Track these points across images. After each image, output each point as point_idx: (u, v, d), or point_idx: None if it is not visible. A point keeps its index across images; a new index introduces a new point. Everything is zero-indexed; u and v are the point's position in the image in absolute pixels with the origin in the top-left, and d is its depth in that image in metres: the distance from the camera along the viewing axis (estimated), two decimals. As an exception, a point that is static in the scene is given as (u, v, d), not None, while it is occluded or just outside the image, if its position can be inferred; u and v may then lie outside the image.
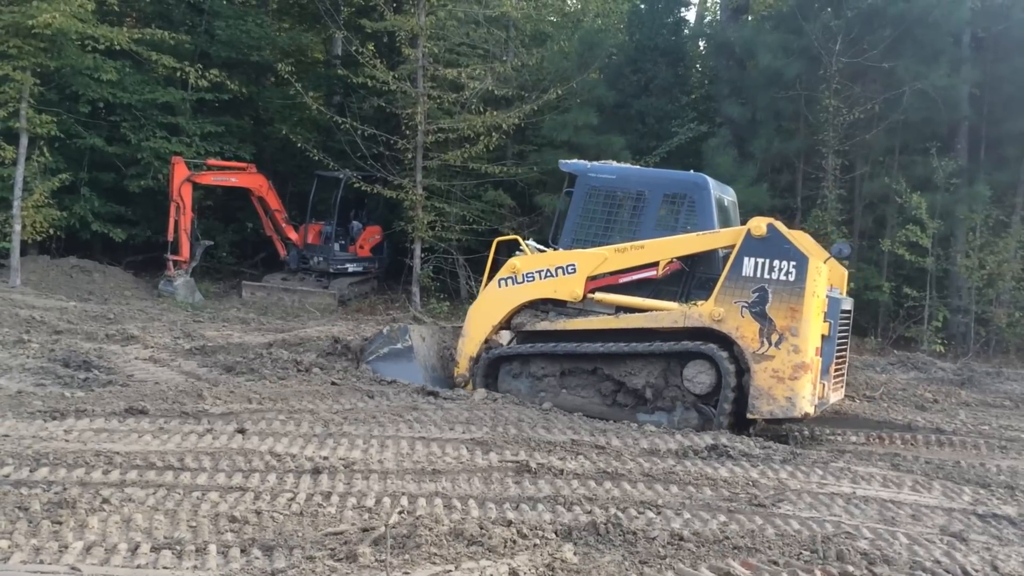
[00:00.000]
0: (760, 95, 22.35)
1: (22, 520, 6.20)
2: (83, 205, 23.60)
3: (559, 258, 11.99)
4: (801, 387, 10.59)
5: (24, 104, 20.91)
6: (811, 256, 10.84)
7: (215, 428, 8.98)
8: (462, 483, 7.86)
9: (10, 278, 20.72)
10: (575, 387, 11.72)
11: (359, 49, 22.97)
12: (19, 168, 20.96)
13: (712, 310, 10.94)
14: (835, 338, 11.17)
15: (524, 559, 6.05)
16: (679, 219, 12.02)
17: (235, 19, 26.50)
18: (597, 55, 24.01)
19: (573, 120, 22.88)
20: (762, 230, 10.88)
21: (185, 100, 24.94)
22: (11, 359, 12.17)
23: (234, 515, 6.57)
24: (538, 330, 11.87)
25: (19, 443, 7.98)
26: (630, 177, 12.62)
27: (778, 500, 7.91)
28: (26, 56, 20.69)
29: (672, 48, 24.76)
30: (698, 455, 9.37)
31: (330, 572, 5.67)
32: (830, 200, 21.09)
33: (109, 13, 23.87)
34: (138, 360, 13.06)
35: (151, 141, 24.06)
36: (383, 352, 12.74)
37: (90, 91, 23.26)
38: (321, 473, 7.76)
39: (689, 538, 6.71)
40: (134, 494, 6.90)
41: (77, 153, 23.94)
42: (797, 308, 10.62)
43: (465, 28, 24.53)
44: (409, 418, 10.02)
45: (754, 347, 10.72)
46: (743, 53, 23.34)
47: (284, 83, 25.03)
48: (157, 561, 5.76)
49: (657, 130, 23.69)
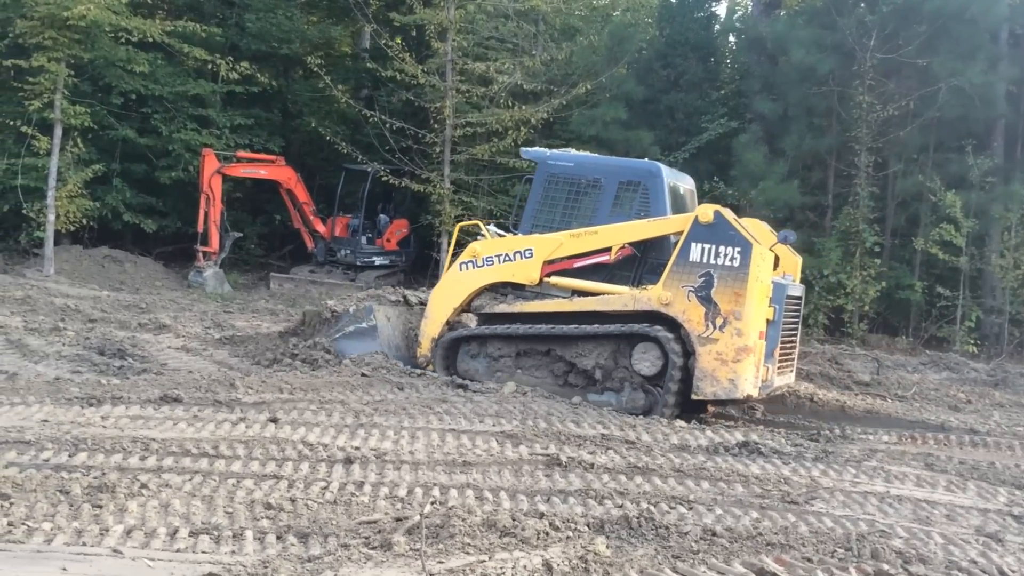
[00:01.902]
0: (792, 91, 22.20)
1: (63, 503, 6.27)
2: (115, 196, 23.79)
3: (517, 243, 12.32)
4: (744, 369, 10.93)
5: (58, 95, 21.14)
6: (755, 242, 11.11)
7: (248, 417, 9.04)
8: (493, 475, 7.88)
9: (44, 267, 20.96)
10: (530, 367, 12.04)
11: (388, 43, 23.03)
12: (53, 159, 21.19)
13: (660, 294, 11.27)
14: (780, 322, 11.43)
15: (557, 551, 6.06)
16: (633, 206, 12.30)
17: (265, 12, 26.60)
18: (626, 50, 23.92)
19: (602, 115, 22.83)
20: (709, 216, 11.18)
21: (215, 92, 25.08)
22: (48, 346, 12.32)
23: (269, 502, 6.62)
24: (496, 312, 12.19)
25: (58, 428, 8.07)
26: (587, 165, 12.89)
27: (811, 498, 7.87)
28: (61, 48, 20.90)
29: (703, 43, 24.65)
30: (729, 451, 9.34)
31: (365, 560, 5.70)
32: (862, 198, 20.95)
33: (142, 5, 24.06)
34: (171, 349, 13.19)
35: (182, 133, 24.22)
36: (349, 330, 12.87)
37: (123, 83, 23.44)
38: (353, 463, 7.80)
39: (722, 534, 6.69)
40: (171, 480, 6.97)
41: (109, 144, 24.13)
42: (741, 293, 10.94)
43: (494, 22, 24.51)
44: (439, 410, 10.04)
45: (699, 330, 11.04)
46: (775, 48, 23.17)
47: (313, 76, 25.10)
48: (196, 546, 5.81)
49: (687, 126, 23.61)
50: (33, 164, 21.61)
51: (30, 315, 14.82)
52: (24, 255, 22.86)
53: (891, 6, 21.23)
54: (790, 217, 22.51)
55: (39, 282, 19.46)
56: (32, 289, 17.72)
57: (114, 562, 5.46)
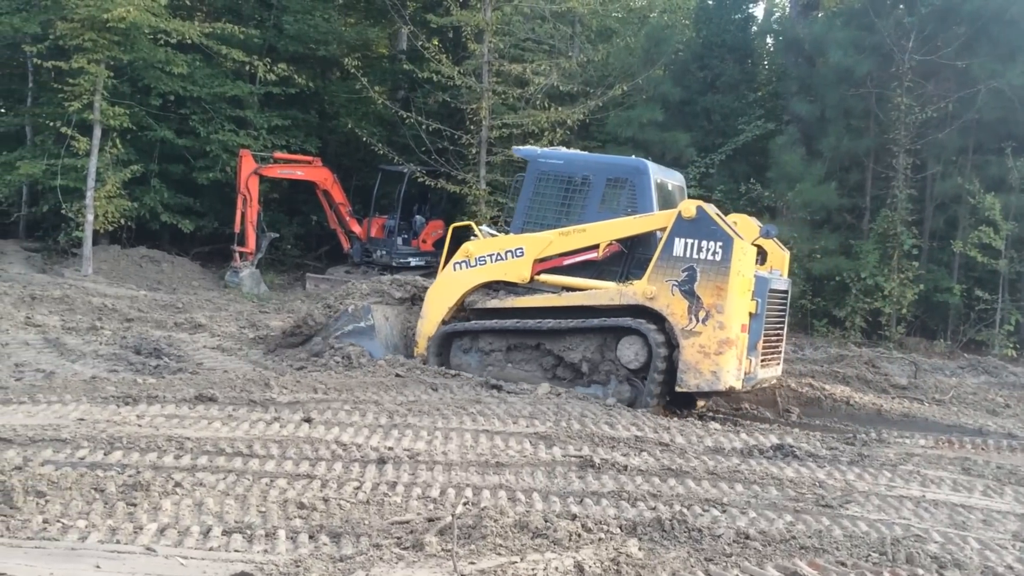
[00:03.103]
0: (829, 92, 22.02)
1: (98, 501, 6.34)
2: (153, 196, 24.03)
3: (508, 242, 12.55)
4: (726, 362, 11.12)
5: (98, 96, 21.37)
6: (736, 237, 11.28)
7: (282, 416, 9.08)
8: (526, 476, 7.87)
9: (83, 267, 21.20)
10: (519, 361, 12.29)
11: (425, 44, 23.08)
12: (92, 159, 21.44)
13: (645, 288, 11.48)
14: (763, 316, 11.56)
15: (589, 553, 6.04)
16: (621, 202, 12.47)
17: (303, 14, 26.76)
18: (663, 51, 23.86)
19: (638, 117, 22.76)
20: (691, 212, 11.34)
21: (253, 94, 25.28)
22: (85, 345, 12.46)
23: (302, 502, 6.65)
24: (488, 308, 12.43)
25: (94, 427, 8.15)
26: (576, 162, 13.05)
27: (846, 501, 7.79)
28: (101, 49, 21.13)
29: (740, 44, 24.52)
30: (763, 454, 9.26)
31: (397, 560, 5.71)
32: (900, 200, 20.73)
33: (181, 7, 24.32)
34: (206, 348, 13.30)
35: (219, 134, 24.44)
36: (347, 329, 13.07)
37: (161, 84, 23.68)
38: (386, 463, 7.82)
39: (755, 537, 6.64)
40: (205, 479, 7.02)
41: (148, 145, 24.40)
42: (723, 286, 11.13)
43: (531, 23, 24.50)
44: (472, 411, 10.04)
45: (683, 324, 11.26)
46: (812, 50, 23.00)
47: (350, 77, 25.22)
48: (228, 544, 5.85)
49: (723, 127, 23.48)
50: (72, 165, 21.87)
51: (68, 314, 15.01)
52: (63, 255, 23.16)
53: (930, 7, 21.00)
54: (827, 219, 22.37)
55: (77, 281, 19.69)
56: (70, 288, 17.94)
57: (147, 560, 5.51)
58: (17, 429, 7.86)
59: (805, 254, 21.44)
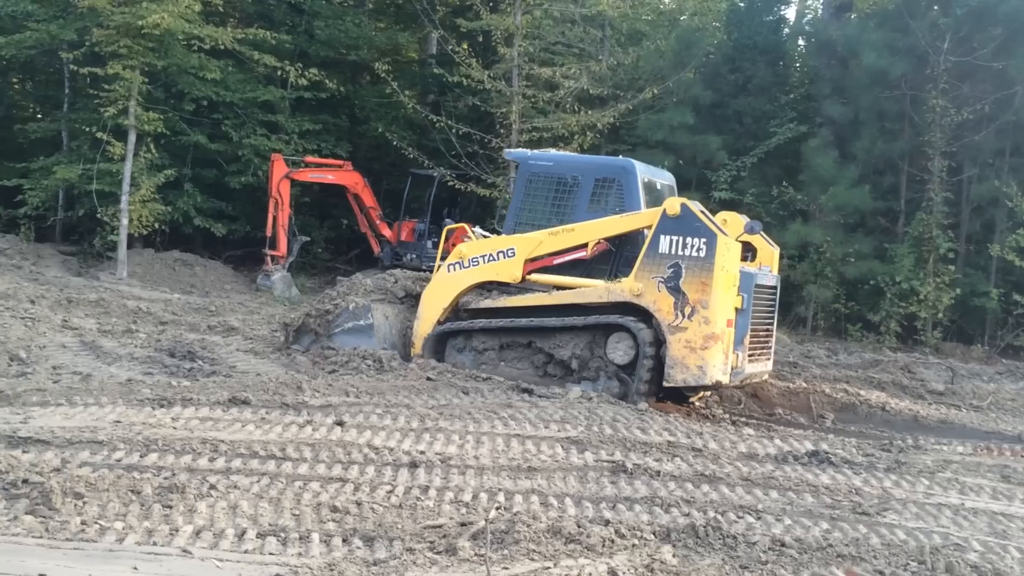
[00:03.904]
0: (863, 95, 21.84)
1: (135, 503, 6.37)
2: (186, 200, 24.22)
3: (500, 243, 12.80)
4: (712, 356, 11.28)
5: (133, 102, 21.57)
6: (720, 233, 11.44)
7: (314, 420, 9.10)
8: (558, 481, 7.84)
9: (117, 270, 21.40)
10: (512, 359, 12.55)
11: (455, 48, 23.12)
12: (127, 164, 21.64)
13: (632, 285, 11.67)
14: (749, 311, 11.71)
15: (623, 559, 6.01)
16: (609, 202, 12.68)
17: (334, 19, 26.93)
18: (694, 54, 23.76)
19: (668, 120, 22.68)
20: (676, 210, 11.53)
21: (284, 98, 25.43)
22: (120, 348, 12.56)
23: (335, 505, 6.66)
24: (482, 308, 12.68)
25: (129, 429, 8.20)
26: (565, 163, 13.30)
27: (883, 509, 7.70)
28: (135, 55, 21.32)
29: (771, 47, 24.37)
30: (798, 460, 9.18)
31: (430, 564, 5.71)
32: (936, 203, 20.54)
33: (214, 14, 24.48)
34: (239, 351, 13.37)
35: (252, 138, 24.61)
36: (347, 327, 13.25)
37: (195, 89, 23.88)
38: (418, 467, 7.81)
39: (791, 544, 6.58)
40: (239, 481, 7.04)
41: (181, 150, 24.61)
42: (707, 282, 11.29)
43: (561, 27, 24.49)
44: (504, 415, 10.02)
45: (669, 319, 11.43)
46: (846, 52, 22.81)
47: (380, 82, 25.30)
48: (263, 547, 5.86)
49: (755, 130, 23.34)
50: (108, 169, 22.07)
51: (103, 317, 15.14)
52: (98, 258, 23.39)
53: (965, 8, 20.79)
54: (861, 223, 22.19)
55: (112, 285, 19.87)
56: (106, 292, 18.10)
57: (183, 562, 5.53)
58: (55, 431, 7.93)
59: (839, 258, 21.30)
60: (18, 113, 28.48)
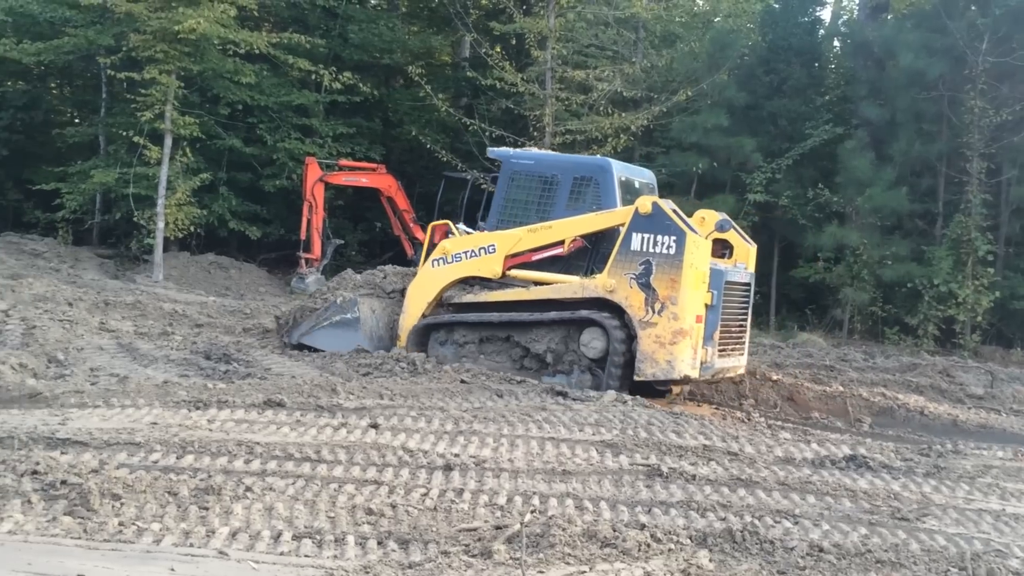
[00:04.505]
0: (900, 96, 21.62)
1: (171, 504, 6.41)
2: (221, 204, 24.42)
3: (482, 239, 13.14)
4: (680, 351, 11.64)
5: (169, 106, 21.78)
6: (689, 231, 11.75)
7: (349, 422, 9.12)
8: (593, 485, 7.80)
9: (154, 273, 21.62)
10: (491, 352, 12.91)
11: (488, 51, 23.14)
12: (163, 168, 21.84)
13: (605, 282, 12.01)
14: (719, 307, 12.00)
15: (659, 563, 5.98)
16: (587, 200, 12.97)
17: (367, 23, 27.06)
18: (728, 56, 23.62)
19: (703, 122, 22.55)
20: (647, 208, 11.84)
21: (319, 102, 25.58)
22: (157, 350, 12.66)
23: (370, 507, 6.66)
24: (464, 302, 13.02)
25: (166, 431, 8.25)
26: (545, 162, 13.62)
27: (922, 514, 7.60)
28: (171, 60, 21.53)
29: (807, 48, 24.18)
30: (835, 465, 9.07)
31: (465, 568, 5.69)
32: (974, 205, 20.29)
33: (249, 18, 24.68)
34: (274, 354, 13.43)
35: (286, 142, 24.78)
36: (335, 319, 13.55)
37: (230, 94, 24.08)
38: (453, 470, 7.80)
39: (829, 550, 6.51)
40: (274, 483, 7.06)
41: (216, 153, 24.81)
42: (676, 279, 11.63)
43: (594, 29, 24.46)
44: (538, 418, 9.99)
45: (640, 315, 11.78)
46: (882, 53, 22.60)
47: (414, 85, 25.43)
48: (299, 549, 5.88)
49: (790, 132, 23.18)
50: (144, 173, 22.30)
51: (140, 320, 15.27)
52: (135, 261, 23.64)
53: (1004, 8, 20.53)
54: (898, 225, 21.97)
55: (149, 288, 20.05)
56: (142, 294, 18.26)
57: (220, 564, 5.55)
58: (93, 432, 8.00)
59: (875, 260, 21.09)
60: (56, 118, 28.87)
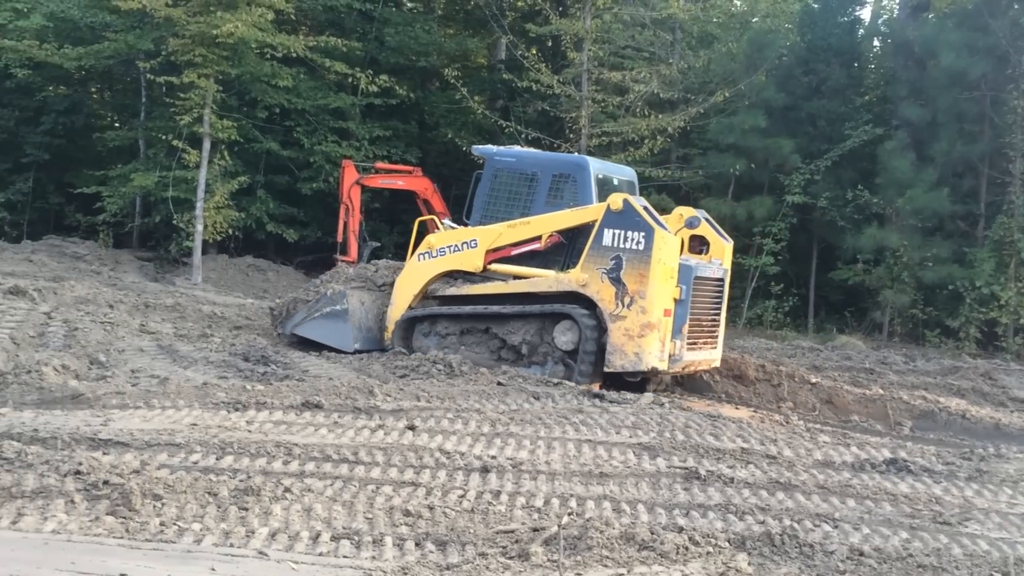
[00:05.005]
0: (941, 96, 21.39)
1: (212, 505, 6.46)
2: (259, 206, 24.60)
3: (464, 234, 13.56)
4: (648, 344, 12.05)
5: (207, 110, 21.96)
6: (657, 228, 12.15)
7: (386, 424, 9.15)
8: (630, 487, 7.77)
9: (192, 275, 21.80)
10: (471, 344, 13.32)
11: (524, 54, 23.12)
12: (202, 171, 22.01)
13: (578, 276, 12.47)
14: (688, 301, 12.40)
15: (698, 566, 5.94)
16: (565, 196, 13.33)
17: (404, 26, 27.13)
18: (766, 56, 23.50)
19: (740, 123, 22.45)
20: (619, 205, 12.27)
21: (355, 105, 25.68)
22: (196, 352, 12.76)
23: (408, 509, 6.68)
24: (447, 295, 13.47)
25: (206, 432, 8.32)
26: (526, 159, 14.00)
27: (964, 519, 7.51)
28: (210, 64, 21.71)
29: (846, 48, 24.00)
30: (876, 469, 8.97)
31: (503, 570, 5.69)
32: (1017, 206, 20.05)
33: (286, 22, 24.83)
34: (311, 356, 13.50)
35: (323, 145, 24.91)
36: (325, 311, 13.97)
37: (267, 97, 24.25)
38: (490, 472, 7.81)
39: (870, 554, 6.45)
40: (313, 484, 7.10)
41: (254, 157, 24.99)
42: (645, 274, 12.05)
43: (631, 31, 24.40)
44: (575, 420, 9.97)
45: (611, 308, 12.20)
46: (923, 52, 22.37)
47: (450, 88, 25.43)
48: (337, 550, 5.91)
49: (829, 133, 23.01)
50: (183, 177, 22.49)
51: (179, 322, 15.40)
52: (174, 264, 23.87)
53: (1049, 5, 20.28)
54: (939, 227, 21.72)
55: (188, 290, 20.22)
56: (181, 297, 18.41)
57: (260, 564, 5.59)
58: (134, 433, 8.09)
59: (916, 262, 20.88)
60: (97, 122, 29.19)
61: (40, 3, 24.27)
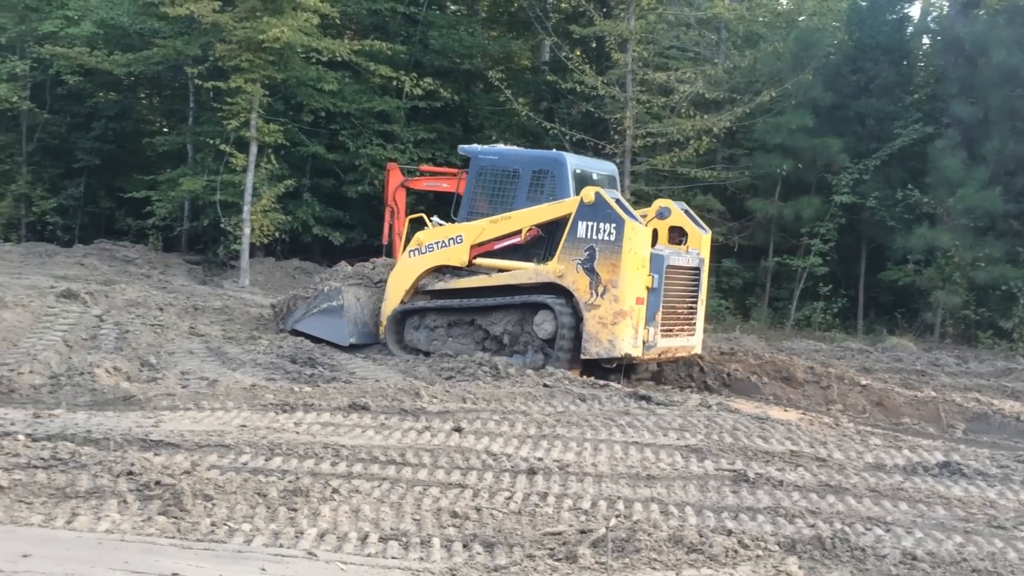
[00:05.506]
0: (993, 94, 21.06)
1: (261, 506, 6.51)
2: (305, 210, 24.80)
3: (450, 231, 14.06)
4: (621, 331, 12.50)
5: (254, 114, 22.17)
6: (628, 219, 12.54)
7: (432, 426, 9.17)
8: (678, 490, 7.72)
9: (240, 278, 22.02)
10: (458, 335, 13.76)
11: (568, 55, 23.09)
12: (249, 175, 22.23)
13: (555, 267, 12.92)
14: (661, 290, 12.78)
15: (747, 569, 5.89)
16: (544, 191, 13.75)
17: (447, 28, 27.22)
18: (813, 55, 23.26)
19: (787, 123, 22.26)
20: (591, 198, 12.70)
21: (400, 108, 25.81)
22: (244, 354, 12.89)
23: (455, 511, 6.68)
24: (436, 289, 13.91)
25: (255, 433, 8.40)
26: (508, 157, 14.48)
27: (1020, 523, 7.36)
28: (256, 69, 21.92)
29: (895, 46, 23.69)
30: (928, 472, 8.83)
31: (551, 572, 5.68)
32: (1072, 205, 19.66)
33: (331, 26, 25.00)
34: (358, 358, 13.59)
35: (368, 148, 25.07)
36: (322, 307, 14.39)
37: (313, 101, 24.46)
38: (536, 474, 7.79)
39: (923, 558, 6.35)
40: (360, 486, 7.12)
41: (300, 160, 25.21)
42: (617, 264, 12.49)
43: (675, 31, 24.29)
44: (621, 423, 9.93)
45: (586, 298, 12.65)
46: (974, 49, 22.02)
47: (494, 90, 25.48)
48: (385, 551, 5.92)
49: (878, 132, 22.71)
50: (230, 180, 22.75)
51: (228, 324, 15.57)
52: (222, 267, 24.14)
53: (1103, 0, 19.89)
54: (991, 226, 21.36)
55: (235, 292, 20.42)
56: (229, 299, 18.61)
57: (309, 564, 5.62)
58: (184, 434, 8.19)
59: (968, 263, 20.55)
60: (146, 127, 29.64)
61: (90, 10, 24.65)
